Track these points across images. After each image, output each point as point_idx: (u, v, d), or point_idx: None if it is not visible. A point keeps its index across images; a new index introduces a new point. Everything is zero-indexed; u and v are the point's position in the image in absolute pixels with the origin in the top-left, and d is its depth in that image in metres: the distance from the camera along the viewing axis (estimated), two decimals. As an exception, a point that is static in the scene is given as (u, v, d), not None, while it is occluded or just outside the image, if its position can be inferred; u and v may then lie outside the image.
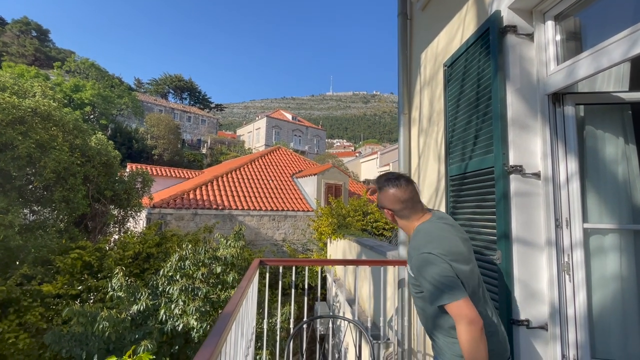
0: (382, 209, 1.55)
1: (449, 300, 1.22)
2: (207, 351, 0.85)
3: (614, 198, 1.58)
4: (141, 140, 29.36)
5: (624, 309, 1.53)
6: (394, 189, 1.49)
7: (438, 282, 1.25)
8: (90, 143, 7.20)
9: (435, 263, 1.28)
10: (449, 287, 1.24)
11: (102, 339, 4.25)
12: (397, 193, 1.48)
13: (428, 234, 1.39)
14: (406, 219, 1.50)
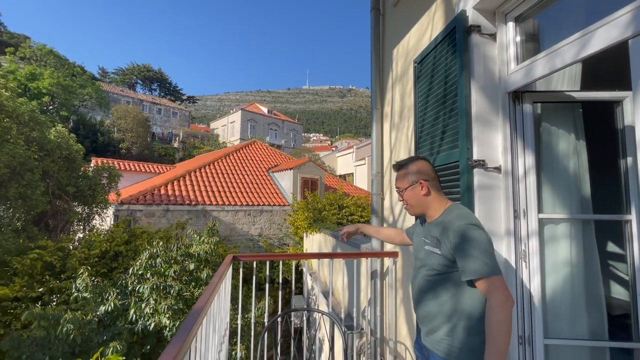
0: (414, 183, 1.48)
1: (494, 273, 1.21)
2: (175, 348, 0.84)
3: (565, 190, 1.70)
4: (107, 134, 27.82)
5: (573, 292, 1.66)
6: (426, 161, 1.54)
7: (487, 251, 1.24)
8: (49, 136, 6.74)
9: (485, 233, 1.29)
10: (494, 259, 1.24)
11: (67, 342, 4.04)
12: (429, 165, 1.53)
13: (470, 212, 1.41)
14: (437, 192, 1.49)
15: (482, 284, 1.23)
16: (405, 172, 1.53)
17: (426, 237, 1.49)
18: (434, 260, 1.39)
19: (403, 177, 1.53)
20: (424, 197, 1.48)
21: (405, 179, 1.52)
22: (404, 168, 1.54)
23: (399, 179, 1.55)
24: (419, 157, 1.56)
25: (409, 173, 1.51)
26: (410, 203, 1.52)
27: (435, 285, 1.39)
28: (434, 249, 1.40)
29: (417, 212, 1.54)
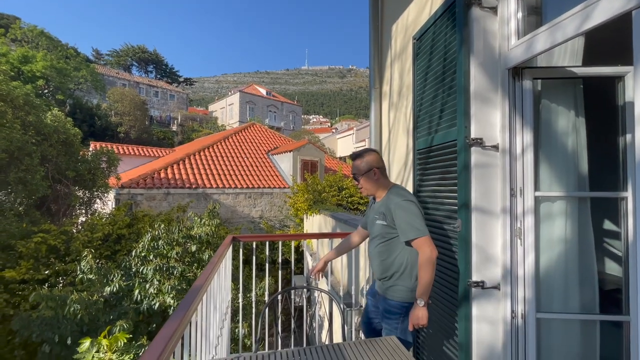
0: (368, 170, 1.88)
1: (423, 234, 1.70)
2: (175, 322, 0.87)
3: (562, 168, 1.70)
4: (104, 117, 27.52)
5: (566, 268, 1.69)
6: (377, 153, 1.97)
7: (419, 219, 1.73)
8: (45, 120, 6.67)
9: (418, 206, 1.79)
10: (422, 224, 1.72)
11: (75, 322, 4.18)
12: (379, 156, 1.97)
13: (407, 190, 1.89)
14: (384, 177, 1.94)
15: (415, 243, 1.71)
16: (361, 161, 1.91)
17: (376, 213, 1.89)
18: (382, 230, 1.84)
19: (360, 165, 1.91)
20: (376, 181, 1.90)
21: (362, 166, 1.90)
22: (360, 158, 1.92)
23: (355, 166, 1.93)
24: (372, 149, 2.00)
25: (364, 162, 1.90)
26: (364, 186, 1.92)
27: (385, 248, 1.84)
28: (382, 222, 1.83)
29: (369, 193, 1.95)
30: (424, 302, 1.68)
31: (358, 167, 1.91)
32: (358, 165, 1.91)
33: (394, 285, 1.82)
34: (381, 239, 1.85)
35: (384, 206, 1.83)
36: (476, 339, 1.67)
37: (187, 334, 1.01)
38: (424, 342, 2.15)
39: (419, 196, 2.23)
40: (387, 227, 1.80)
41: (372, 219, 1.93)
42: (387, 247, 1.84)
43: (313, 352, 1.43)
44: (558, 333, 1.68)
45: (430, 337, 2.07)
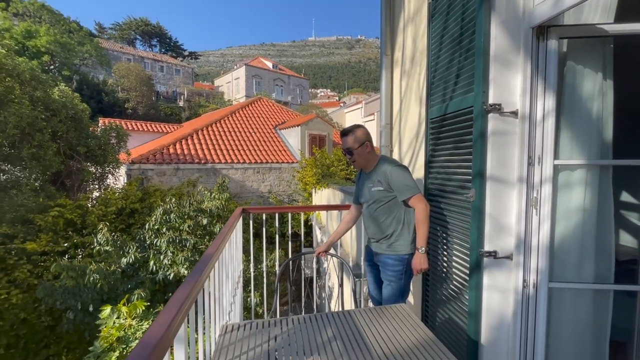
0: (362, 145, 2.05)
1: (418, 191, 1.96)
2: (188, 287, 0.87)
3: (585, 134, 1.61)
4: (111, 93, 27.43)
5: (582, 238, 1.65)
6: (365, 128, 2.14)
7: (412, 180, 1.99)
8: (53, 95, 6.66)
9: (409, 171, 2.05)
10: (415, 183, 1.99)
11: (95, 290, 4.38)
12: (367, 130, 2.14)
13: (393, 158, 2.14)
14: (373, 150, 2.12)
15: (411, 200, 1.96)
16: (353, 136, 2.06)
17: (370, 182, 2.07)
18: (380, 195, 2.03)
19: (353, 140, 2.05)
20: (368, 154, 2.08)
21: (355, 141, 2.05)
22: (352, 133, 2.06)
23: (348, 142, 2.06)
24: (360, 125, 2.15)
25: (356, 137, 2.05)
26: (358, 160, 2.08)
27: (383, 211, 2.04)
28: (378, 187, 2.02)
29: (361, 166, 2.14)
30: (424, 250, 1.93)
31: (351, 142, 2.05)
32: (351, 140, 2.05)
33: (395, 242, 2.04)
34: (379, 203, 2.05)
35: (379, 174, 2.04)
36: (486, 307, 1.68)
37: (200, 299, 1.03)
38: (433, 310, 2.19)
39: (431, 167, 2.18)
40: (384, 191, 2.01)
41: (367, 188, 2.10)
42: (385, 210, 2.04)
43: (324, 318, 1.46)
44: (569, 303, 1.67)
45: (439, 305, 2.10)
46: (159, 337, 0.63)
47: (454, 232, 1.89)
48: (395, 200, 2.02)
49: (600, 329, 1.65)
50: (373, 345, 1.26)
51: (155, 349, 0.59)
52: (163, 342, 0.63)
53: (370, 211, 2.11)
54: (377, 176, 2.05)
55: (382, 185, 2.01)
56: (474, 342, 1.71)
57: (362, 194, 2.18)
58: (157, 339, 0.62)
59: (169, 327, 0.67)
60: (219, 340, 1.28)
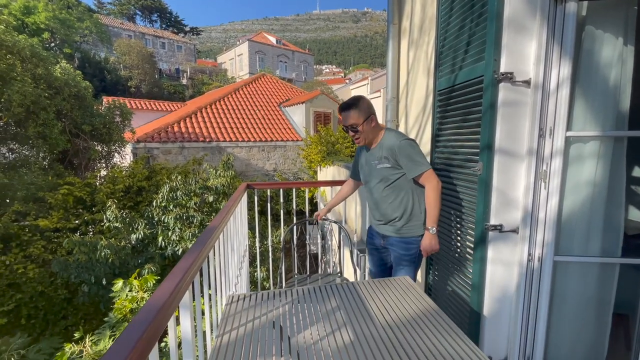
0: (368, 118, 1.85)
1: (429, 167, 1.78)
2: (192, 255, 0.88)
3: (600, 104, 1.54)
4: (114, 71, 27.10)
5: (590, 212, 1.62)
6: (367, 99, 1.92)
7: (422, 155, 1.81)
8: (55, 73, 6.59)
9: (415, 142, 1.86)
10: (425, 158, 1.81)
11: (107, 265, 4.52)
12: (370, 101, 1.93)
13: (399, 131, 1.94)
14: (378, 125, 1.91)
15: (423, 177, 1.78)
16: (358, 110, 1.83)
17: (375, 159, 1.87)
18: (387, 173, 1.84)
19: (358, 115, 1.83)
20: (374, 128, 1.88)
21: (360, 115, 1.83)
22: (355, 107, 1.83)
23: (352, 117, 1.83)
24: (362, 96, 1.92)
25: (361, 110, 1.83)
26: (365, 135, 1.86)
27: (391, 190, 1.85)
28: (386, 164, 1.83)
29: (367, 141, 1.90)
30: (435, 230, 1.80)
31: (355, 117, 1.83)
32: (355, 115, 1.83)
33: (407, 224, 1.87)
34: (386, 182, 1.86)
35: (384, 149, 1.84)
36: (489, 280, 1.69)
37: (205, 268, 1.04)
38: (436, 283, 2.21)
39: (437, 140, 2.13)
40: (392, 168, 1.83)
41: (371, 166, 1.92)
42: (393, 189, 1.86)
43: (328, 289, 1.48)
44: (574, 276, 1.67)
45: (442, 278, 2.12)
46: (162, 302, 0.63)
47: (460, 206, 1.87)
48: (404, 177, 1.83)
49: (603, 303, 1.65)
50: (376, 315, 1.28)
51: (159, 313, 0.60)
52: (167, 306, 0.64)
53: (375, 192, 1.91)
54: (382, 152, 1.84)
55: (389, 161, 1.81)
56: (477, 314, 1.73)
57: (364, 173, 2.00)
58: (161, 303, 0.63)
59: (173, 292, 0.68)
60: (226, 309, 1.31)
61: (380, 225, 1.97)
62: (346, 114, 1.85)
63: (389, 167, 1.83)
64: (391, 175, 1.84)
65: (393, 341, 1.12)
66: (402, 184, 1.85)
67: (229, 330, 1.17)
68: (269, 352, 1.07)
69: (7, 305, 4.88)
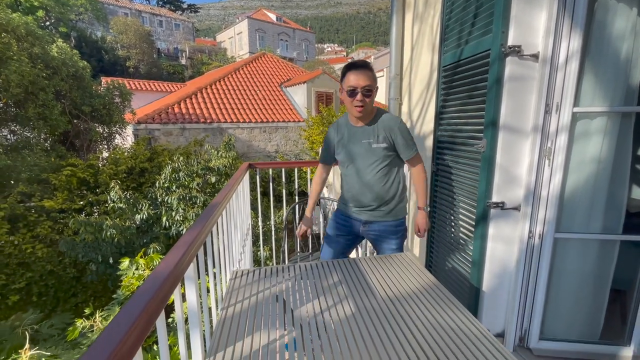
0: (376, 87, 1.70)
1: (418, 150, 1.78)
2: (195, 230, 0.89)
3: (610, 79, 1.50)
4: (111, 51, 26.58)
5: (594, 189, 1.61)
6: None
7: (412, 137, 1.77)
8: (51, 52, 6.47)
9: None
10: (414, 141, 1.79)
11: (113, 244, 4.61)
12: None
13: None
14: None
15: (414, 158, 1.78)
16: (372, 73, 1.65)
17: (368, 138, 1.73)
18: (382, 153, 1.73)
19: (373, 77, 1.65)
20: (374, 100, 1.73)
21: (374, 80, 1.66)
22: (370, 69, 1.65)
23: (369, 77, 1.63)
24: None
25: (374, 76, 1.66)
26: (368, 105, 1.66)
27: (386, 172, 1.76)
28: (383, 144, 1.72)
29: (366, 114, 1.71)
30: (429, 209, 1.84)
31: (372, 78, 1.64)
32: (371, 76, 1.64)
33: (396, 207, 1.81)
34: (381, 163, 1.74)
35: (382, 129, 1.72)
36: (490, 257, 1.71)
37: (208, 242, 1.06)
38: (437, 259, 2.25)
39: (441, 118, 2.10)
40: (388, 148, 1.72)
41: (362, 145, 1.74)
42: (388, 171, 1.76)
43: (330, 265, 1.51)
44: (574, 253, 1.68)
45: (443, 254, 2.15)
46: (167, 272, 0.64)
47: (462, 184, 1.87)
48: (396, 158, 1.76)
49: (601, 279, 1.67)
50: (377, 289, 1.31)
51: (163, 283, 0.61)
52: (171, 277, 0.65)
53: (368, 173, 1.75)
54: (378, 131, 1.71)
55: (387, 141, 1.70)
56: (476, 290, 1.77)
57: (348, 153, 1.79)
58: (166, 274, 0.64)
59: (177, 264, 0.69)
60: (230, 283, 1.34)
61: (365, 211, 1.82)
62: (362, 73, 1.61)
63: (386, 147, 1.72)
64: (386, 156, 1.74)
65: (394, 313, 1.15)
66: (393, 166, 1.78)
67: (234, 304, 1.20)
68: (272, 323, 1.10)
69: (18, 283, 5.03)
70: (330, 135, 1.88)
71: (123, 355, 0.43)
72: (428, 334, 1.05)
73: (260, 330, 1.07)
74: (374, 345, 1.00)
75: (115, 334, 0.45)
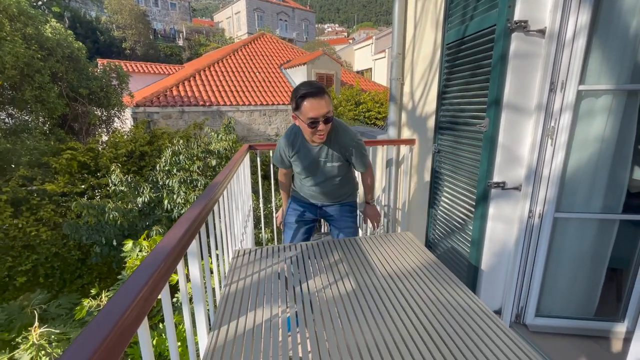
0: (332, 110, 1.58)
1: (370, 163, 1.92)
2: (197, 207, 0.89)
3: (618, 56, 1.46)
4: (107, 32, 25.95)
5: (595, 169, 1.61)
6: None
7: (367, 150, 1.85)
8: (45, 33, 6.32)
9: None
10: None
11: (116, 227, 4.66)
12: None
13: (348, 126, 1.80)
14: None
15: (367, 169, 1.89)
16: (328, 96, 1.54)
17: (324, 157, 1.73)
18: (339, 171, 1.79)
19: (330, 102, 1.53)
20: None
21: (331, 103, 1.54)
22: (326, 91, 1.53)
23: (327, 104, 1.50)
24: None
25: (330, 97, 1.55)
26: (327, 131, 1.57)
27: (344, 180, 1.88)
28: (338, 163, 1.75)
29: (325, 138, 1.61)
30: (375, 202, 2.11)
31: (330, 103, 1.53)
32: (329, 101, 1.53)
33: (350, 194, 2.02)
34: (337, 176, 1.83)
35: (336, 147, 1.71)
36: (489, 236, 1.73)
37: (210, 220, 1.07)
38: (436, 239, 2.27)
39: (443, 98, 2.07)
40: (341, 165, 1.78)
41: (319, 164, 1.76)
42: (342, 177, 1.86)
43: (331, 244, 1.52)
44: (573, 232, 1.69)
45: (442, 234, 2.17)
46: (170, 247, 0.65)
47: (463, 165, 1.87)
48: (350, 169, 1.89)
49: (599, 258, 1.69)
50: (378, 267, 1.33)
51: (167, 256, 0.62)
52: (174, 252, 0.66)
53: (326, 185, 1.86)
54: (333, 150, 1.70)
55: (341, 159, 1.74)
56: (474, 268, 1.80)
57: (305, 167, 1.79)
58: (169, 248, 0.65)
59: (180, 239, 0.70)
60: (232, 262, 1.36)
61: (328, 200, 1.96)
62: (320, 100, 1.48)
63: (340, 165, 1.76)
64: (341, 171, 1.81)
65: (394, 290, 1.17)
66: (349, 173, 1.91)
67: (236, 281, 1.22)
68: (274, 299, 1.12)
69: (24, 265, 5.12)
70: (282, 150, 1.84)
71: (131, 321, 0.44)
72: (427, 310, 1.08)
73: (263, 305, 1.09)
74: (374, 320, 1.02)
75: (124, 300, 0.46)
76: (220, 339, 0.94)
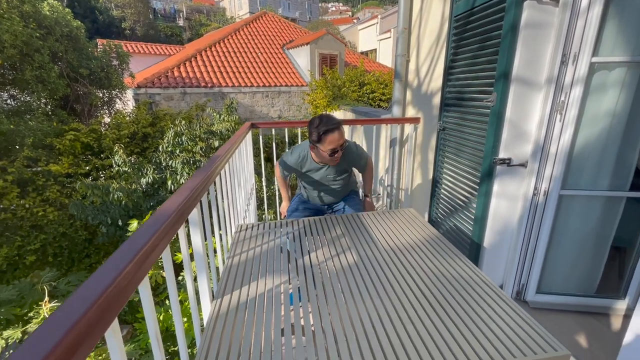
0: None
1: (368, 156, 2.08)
2: (199, 177, 0.89)
3: (635, 26, 1.40)
4: (106, 12, 25.43)
5: (605, 144, 1.57)
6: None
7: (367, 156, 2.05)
8: (43, 11, 6.19)
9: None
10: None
11: (121, 207, 4.71)
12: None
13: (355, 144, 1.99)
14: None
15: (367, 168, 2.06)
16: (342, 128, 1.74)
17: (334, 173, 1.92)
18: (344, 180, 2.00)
19: (344, 132, 1.76)
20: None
21: (344, 133, 1.77)
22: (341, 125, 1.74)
23: (342, 135, 1.73)
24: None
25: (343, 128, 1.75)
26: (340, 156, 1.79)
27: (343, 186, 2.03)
28: (342, 176, 1.96)
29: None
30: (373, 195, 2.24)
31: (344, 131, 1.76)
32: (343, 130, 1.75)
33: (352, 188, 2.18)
34: (343, 183, 2.02)
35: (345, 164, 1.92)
36: (492, 213, 1.72)
37: (212, 191, 1.06)
38: (439, 217, 2.27)
39: (450, 73, 2.01)
40: (346, 177, 2.01)
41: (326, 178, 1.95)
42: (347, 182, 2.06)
43: (333, 219, 1.52)
44: (578, 210, 1.68)
45: (445, 211, 2.16)
46: (172, 210, 0.65)
47: (468, 141, 1.83)
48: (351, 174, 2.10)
49: (603, 236, 1.68)
50: (380, 241, 1.33)
51: (168, 220, 0.62)
52: (175, 217, 0.66)
53: (329, 194, 2.05)
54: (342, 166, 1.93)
55: (347, 171, 1.99)
56: (477, 245, 1.80)
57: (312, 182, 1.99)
58: (170, 211, 0.64)
59: (181, 204, 0.69)
60: (235, 235, 1.37)
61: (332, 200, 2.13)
62: (338, 133, 1.70)
63: (345, 177, 1.99)
64: (347, 178, 2.03)
65: (397, 263, 1.17)
66: (351, 174, 2.11)
67: (239, 253, 1.23)
68: (277, 271, 1.13)
69: (33, 245, 5.22)
70: (291, 165, 1.96)
71: (130, 276, 0.44)
72: (430, 282, 1.08)
73: (265, 276, 1.10)
74: (376, 293, 1.03)
75: (127, 253, 0.46)
76: (223, 307, 0.96)
